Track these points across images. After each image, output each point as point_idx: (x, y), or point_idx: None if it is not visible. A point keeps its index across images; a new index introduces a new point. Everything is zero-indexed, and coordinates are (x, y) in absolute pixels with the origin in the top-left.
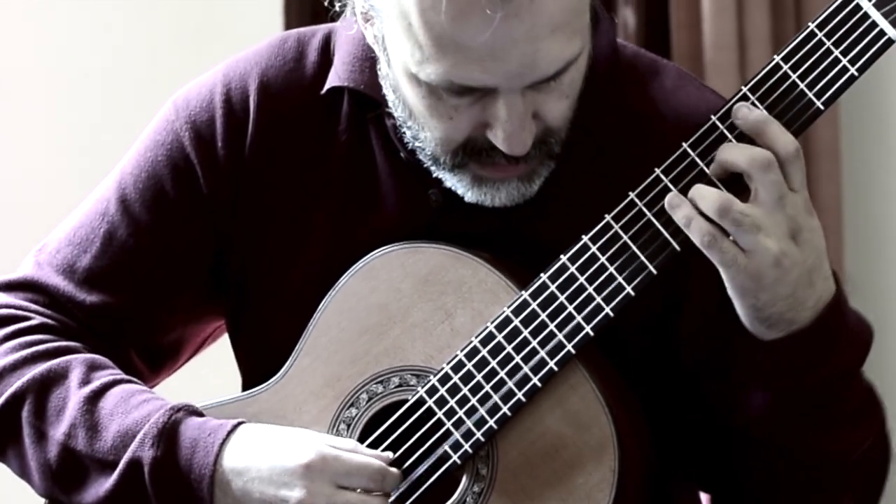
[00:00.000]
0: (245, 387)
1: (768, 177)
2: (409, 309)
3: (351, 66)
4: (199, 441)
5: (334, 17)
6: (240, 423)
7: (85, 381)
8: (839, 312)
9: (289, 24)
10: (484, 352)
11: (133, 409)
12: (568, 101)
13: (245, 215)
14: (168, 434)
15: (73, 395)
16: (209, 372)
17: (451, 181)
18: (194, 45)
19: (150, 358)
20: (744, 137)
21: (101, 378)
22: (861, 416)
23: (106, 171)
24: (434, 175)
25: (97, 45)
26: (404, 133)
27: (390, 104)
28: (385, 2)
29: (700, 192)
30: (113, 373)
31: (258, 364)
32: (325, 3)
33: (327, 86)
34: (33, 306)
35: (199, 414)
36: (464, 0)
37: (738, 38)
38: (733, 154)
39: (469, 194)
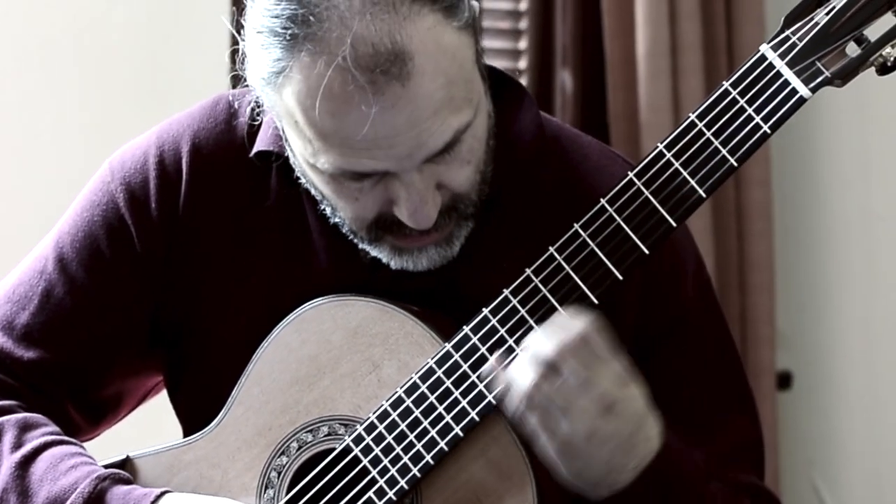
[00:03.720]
0: (185, 435)
1: (572, 362)
2: (338, 360)
3: (277, 131)
4: None
5: None
6: (164, 493)
7: (17, 445)
8: (663, 461)
9: (236, 85)
10: (408, 402)
11: (61, 475)
12: (471, 166)
13: (179, 273)
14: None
15: (5, 460)
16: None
17: (373, 251)
18: (142, 102)
19: (89, 412)
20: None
21: (32, 441)
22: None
23: (47, 224)
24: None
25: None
26: (326, 210)
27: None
28: (275, 103)
29: (515, 373)
30: (46, 433)
31: (196, 413)
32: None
33: (255, 149)
34: None
35: (127, 481)
36: (338, 100)
37: (672, 100)
38: (541, 342)
39: (392, 262)
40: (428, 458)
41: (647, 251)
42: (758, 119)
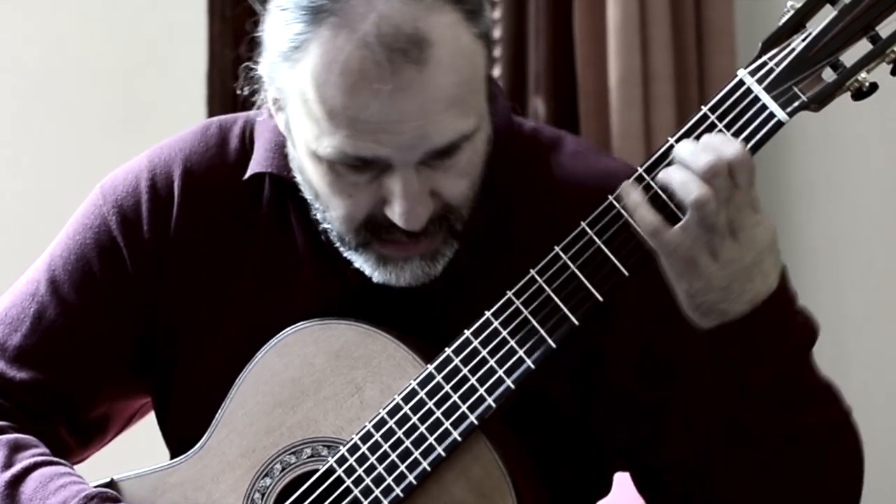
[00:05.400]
0: (172, 456)
1: (718, 180)
2: (321, 383)
3: (271, 153)
4: None
5: (252, 107)
6: None
7: (7, 465)
8: (776, 307)
9: (212, 113)
10: (391, 423)
11: (50, 494)
12: (466, 180)
13: (169, 294)
14: None
15: None
16: None
17: (358, 261)
18: (120, 132)
19: (79, 433)
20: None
21: (23, 461)
22: (818, 400)
23: (34, 248)
24: (345, 255)
25: (27, 130)
26: (317, 215)
27: (300, 186)
28: (288, 82)
29: (683, 178)
30: (36, 454)
31: (182, 435)
32: (241, 94)
33: (249, 172)
34: None
35: (115, 500)
36: (355, 75)
37: (644, 128)
38: (694, 155)
39: (376, 274)
40: (410, 477)
41: (626, 273)
42: None
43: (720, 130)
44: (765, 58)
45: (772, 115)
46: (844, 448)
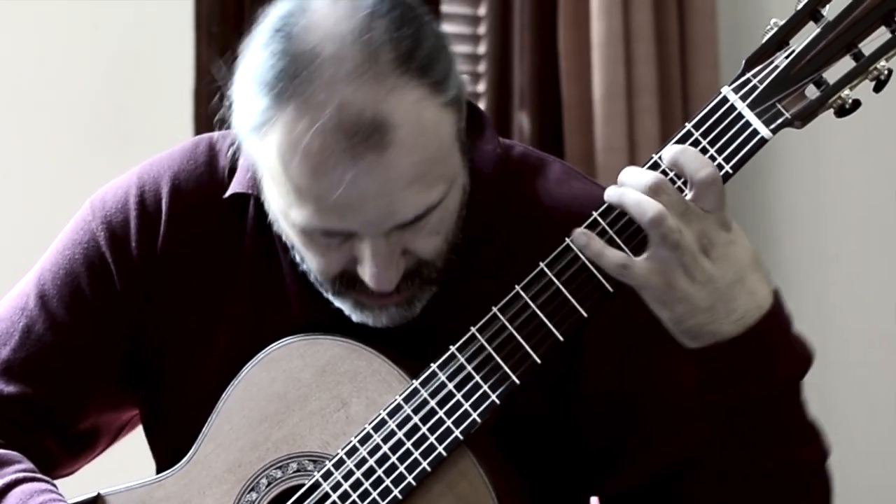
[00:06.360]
0: (159, 470)
1: (671, 196)
2: (307, 398)
3: (253, 174)
4: None
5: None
6: None
7: None
8: (770, 328)
9: (199, 128)
10: (377, 438)
11: None
12: (439, 236)
13: (157, 310)
14: None
15: None
16: None
17: (336, 303)
18: (107, 148)
19: (69, 446)
20: (622, 237)
21: (5, 477)
22: (803, 438)
23: (22, 265)
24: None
25: (13, 145)
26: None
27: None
28: (257, 153)
29: (636, 198)
30: (19, 470)
31: (170, 449)
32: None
33: (230, 191)
34: None
35: None
36: (317, 158)
37: (628, 142)
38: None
39: (354, 315)
40: (396, 492)
41: (611, 290)
42: (720, 159)
43: (704, 147)
44: (748, 75)
45: (755, 132)
46: (822, 489)
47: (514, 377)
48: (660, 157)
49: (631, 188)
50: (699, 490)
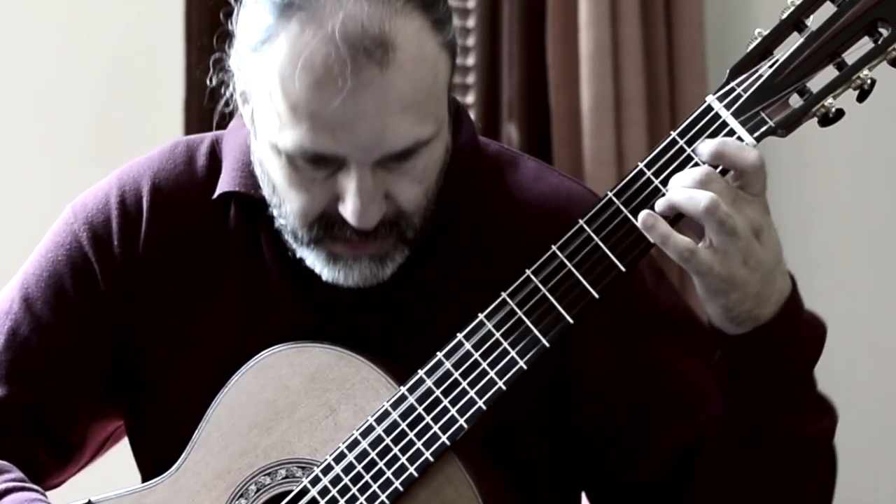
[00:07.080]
0: (144, 479)
1: (721, 184)
2: (296, 405)
3: (239, 172)
4: None
5: (226, 126)
6: None
7: None
8: (797, 308)
9: (188, 132)
10: (364, 444)
11: None
12: (421, 186)
13: (141, 312)
14: None
15: None
16: None
17: (309, 258)
18: (98, 157)
19: (57, 453)
20: (608, 244)
21: None
22: (824, 406)
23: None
24: (298, 254)
25: (3, 154)
26: (273, 212)
27: (259, 181)
28: (255, 74)
29: (687, 193)
30: (9, 479)
31: (156, 457)
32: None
33: (218, 191)
34: None
35: None
36: (318, 70)
37: (616, 153)
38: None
39: (325, 272)
40: (383, 497)
41: (597, 296)
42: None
43: (689, 156)
44: (733, 84)
45: (740, 140)
46: (830, 462)
47: (500, 383)
48: (646, 166)
49: (678, 188)
50: (713, 473)
